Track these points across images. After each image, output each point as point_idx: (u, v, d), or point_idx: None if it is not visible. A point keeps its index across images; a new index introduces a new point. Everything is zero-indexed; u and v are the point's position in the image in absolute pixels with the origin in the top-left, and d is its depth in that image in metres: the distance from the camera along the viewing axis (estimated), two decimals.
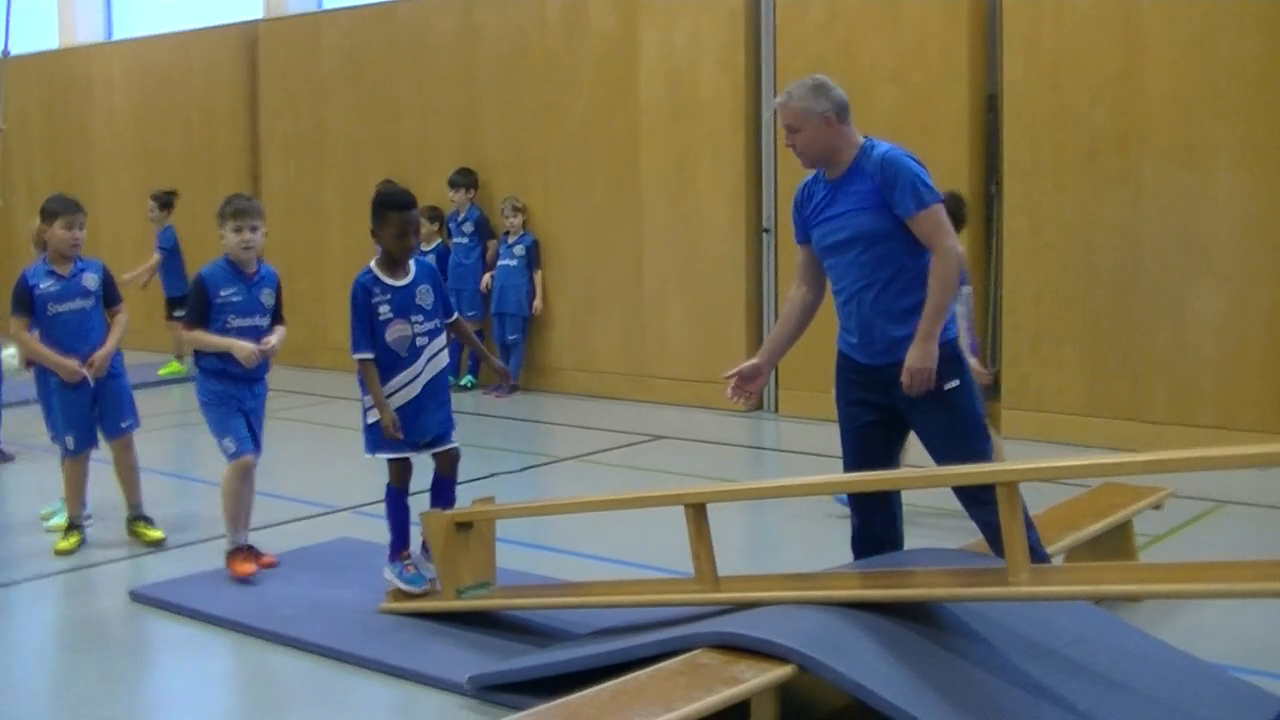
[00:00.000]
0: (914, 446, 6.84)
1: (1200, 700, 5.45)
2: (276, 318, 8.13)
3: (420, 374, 7.24)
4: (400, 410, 7.16)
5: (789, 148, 6.53)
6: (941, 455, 6.33)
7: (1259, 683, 5.75)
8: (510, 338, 14.48)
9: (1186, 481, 8.73)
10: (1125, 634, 5.91)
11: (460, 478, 7.49)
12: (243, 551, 7.84)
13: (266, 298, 8.00)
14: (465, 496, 7.46)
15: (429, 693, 6.17)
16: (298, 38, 17.12)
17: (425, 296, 7.31)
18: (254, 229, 7.95)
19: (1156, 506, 7.69)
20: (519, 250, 14.50)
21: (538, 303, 14.44)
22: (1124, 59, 11.18)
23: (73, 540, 8.52)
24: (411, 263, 7.31)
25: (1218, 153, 10.87)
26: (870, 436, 6.49)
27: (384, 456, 7.29)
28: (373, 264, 7.28)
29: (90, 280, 8.61)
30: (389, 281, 7.22)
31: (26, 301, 8.46)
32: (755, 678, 4.95)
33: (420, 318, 7.26)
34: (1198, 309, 10.99)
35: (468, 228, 14.85)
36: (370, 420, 7.23)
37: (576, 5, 14.42)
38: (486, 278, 14.63)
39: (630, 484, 10.10)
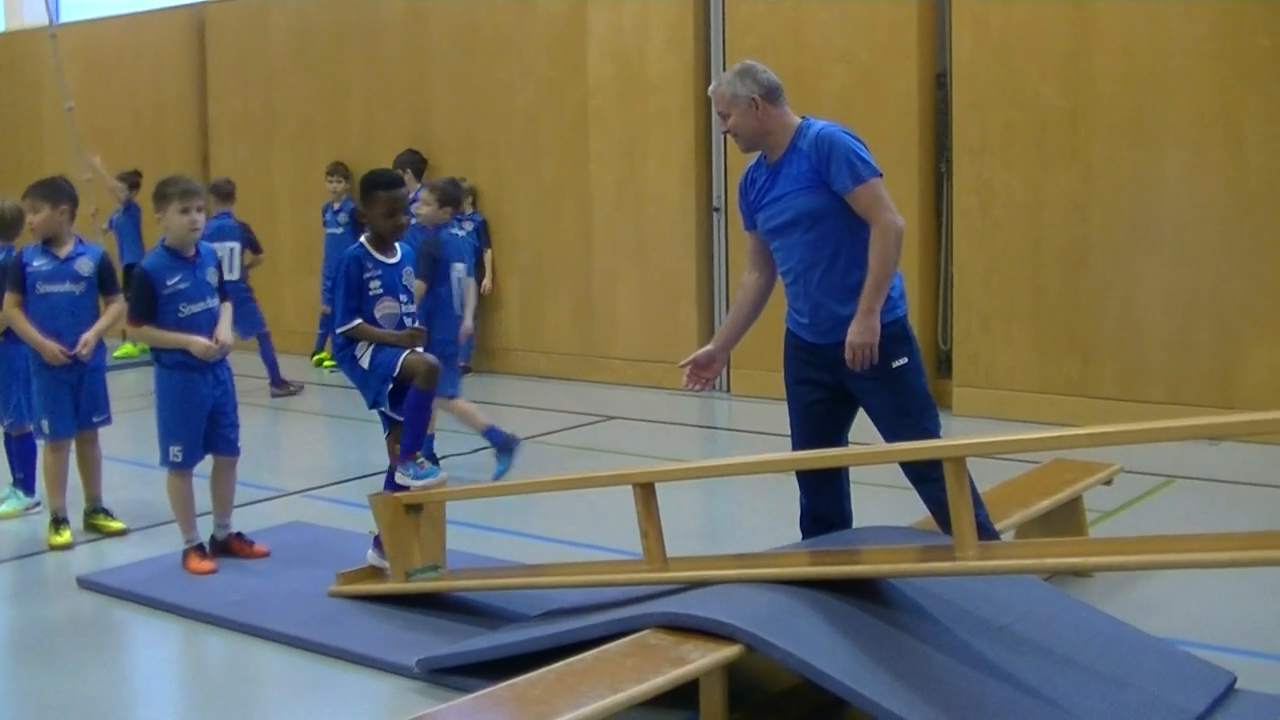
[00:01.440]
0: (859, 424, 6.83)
1: (1147, 674, 5.46)
2: (222, 294, 7.98)
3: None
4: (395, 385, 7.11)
5: (725, 132, 6.57)
6: (890, 433, 6.32)
7: (1207, 656, 5.76)
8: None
9: (1137, 457, 8.75)
10: (1073, 609, 5.92)
11: None
12: (198, 550, 7.74)
13: (211, 277, 7.84)
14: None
15: (378, 676, 6.14)
16: (246, 20, 17.04)
17: (409, 279, 7.38)
18: (199, 209, 7.80)
19: (1107, 482, 7.70)
20: (467, 226, 14.44)
21: (486, 282, 14.38)
22: (1074, 37, 11.18)
23: (65, 535, 8.38)
24: (397, 245, 7.32)
25: (1167, 131, 10.88)
26: (818, 415, 6.48)
27: (386, 388, 7.14)
28: (364, 239, 7.26)
29: (85, 265, 8.47)
30: (380, 258, 7.22)
31: (18, 278, 8.35)
32: (702, 658, 4.94)
33: (405, 298, 7.29)
34: (1147, 286, 11.01)
35: (415, 209, 14.76)
36: (366, 365, 7.13)
37: None
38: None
39: (582, 465, 10.11)
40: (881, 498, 7.15)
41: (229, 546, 7.92)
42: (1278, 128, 10.45)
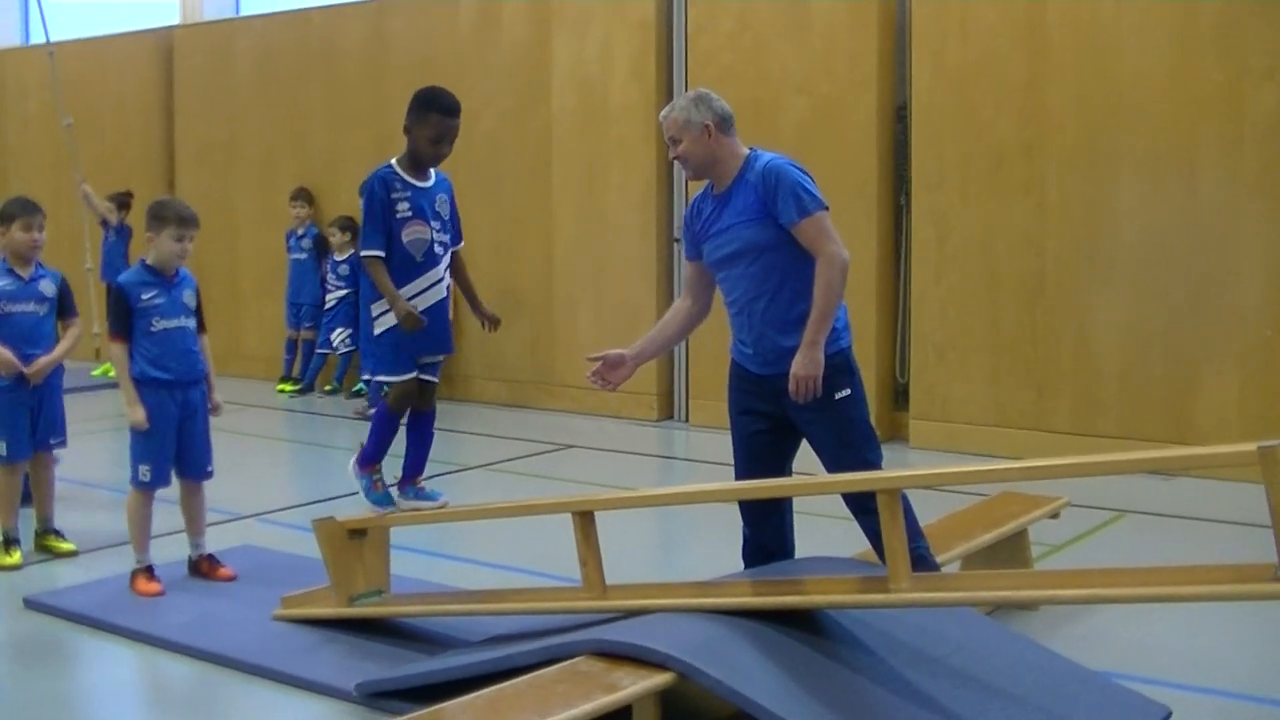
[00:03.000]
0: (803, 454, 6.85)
1: (1083, 707, 5.49)
2: (200, 324, 7.94)
3: (440, 281, 7.10)
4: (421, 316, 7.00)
5: (674, 160, 6.57)
6: (832, 464, 6.33)
7: (1145, 690, 5.79)
8: None
9: (1088, 491, 8.81)
10: (1011, 642, 5.95)
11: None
12: (147, 571, 7.72)
13: (189, 299, 7.81)
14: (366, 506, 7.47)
15: (318, 700, 6.13)
16: (213, 44, 17.06)
17: (444, 206, 7.16)
18: (192, 239, 7.79)
19: (1054, 515, 7.73)
20: None
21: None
22: (1029, 69, 11.26)
23: (15, 555, 8.34)
24: (432, 171, 7.14)
25: (1121, 163, 10.96)
26: (761, 446, 6.50)
27: (385, 379, 7.18)
28: (394, 161, 7.07)
29: (48, 287, 8.46)
30: (411, 180, 7.03)
31: None
32: (634, 685, 4.95)
33: (438, 225, 7.08)
34: (1101, 319, 11.07)
35: None
36: (379, 330, 6.99)
37: (489, 13, 14.43)
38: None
39: (536, 493, 10.10)
40: (826, 529, 7.18)
41: (199, 567, 7.92)
42: (1230, 160, 10.53)
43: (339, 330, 14.98)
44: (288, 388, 15.24)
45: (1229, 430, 10.50)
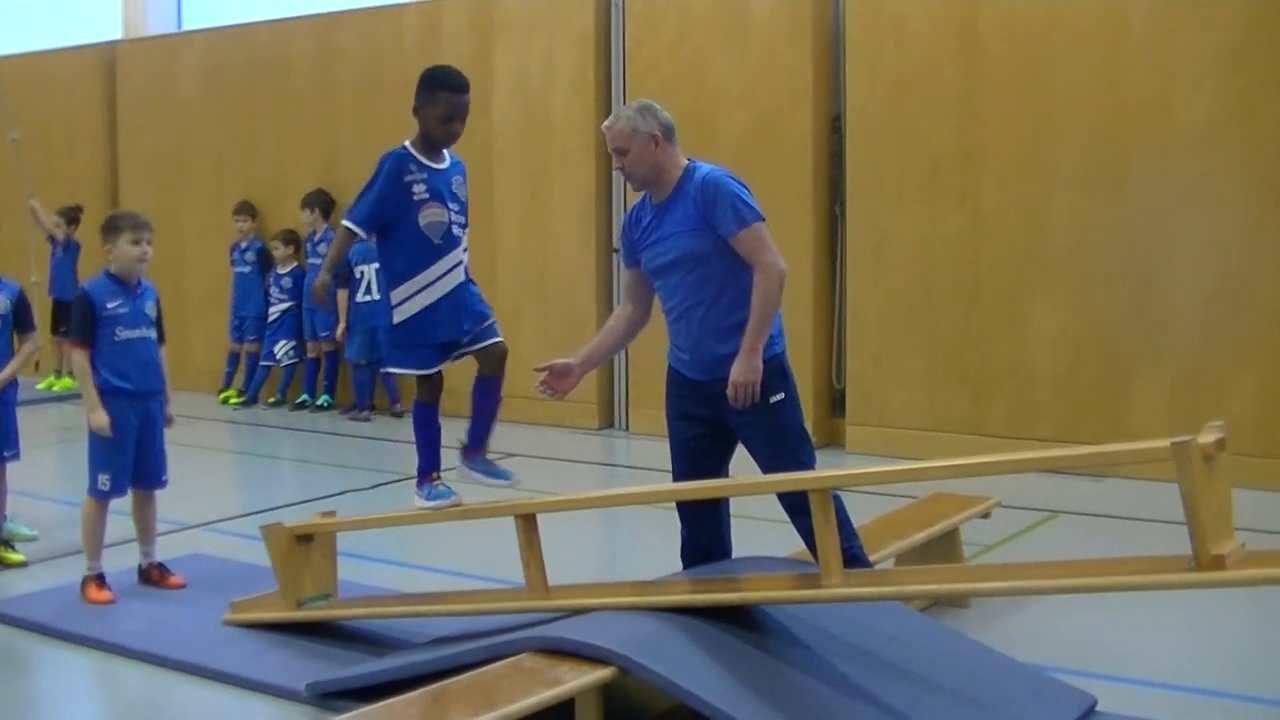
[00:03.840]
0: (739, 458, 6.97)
1: (1012, 697, 5.66)
2: (160, 335, 8.03)
3: (459, 264, 6.73)
4: (435, 306, 6.70)
5: (618, 169, 6.63)
6: (767, 467, 6.45)
7: (1072, 681, 5.96)
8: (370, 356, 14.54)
9: (1020, 492, 9.01)
10: (942, 636, 6.11)
11: (311, 495, 7.52)
12: (98, 579, 7.78)
13: (150, 309, 7.91)
14: (313, 512, 7.55)
15: (268, 701, 6.24)
16: (157, 58, 17.09)
17: (460, 188, 6.85)
18: (149, 242, 7.85)
19: (984, 515, 7.91)
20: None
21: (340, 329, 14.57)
22: (963, 80, 11.45)
23: None
24: (446, 153, 6.86)
25: (1054, 172, 11.16)
26: (698, 450, 6.62)
27: (405, 372, 6.91)
28: (408, 143, 6.78)
29: (1, 303, 8.50)
30: (426, 161, 6.72)
31: None
32: (576, 679, 5.08)
33: (456, 208, 6.75)
34: (1035, 325, 11.27)
35: (323, 249, 14.90)
36: (397, 320, 6.67)
37: (431, 27, 14.54)
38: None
39: (478, 500, 10.19)
40: (762, 531, 7.30)
41: (149, 575, 8.00)
42: (1160, 169, 10.75)
43: (282, 343, 15.10)
44: (231, 398, 15.31)
45: (1161, 432, 10.42)
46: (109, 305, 7.75)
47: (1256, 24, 10.45)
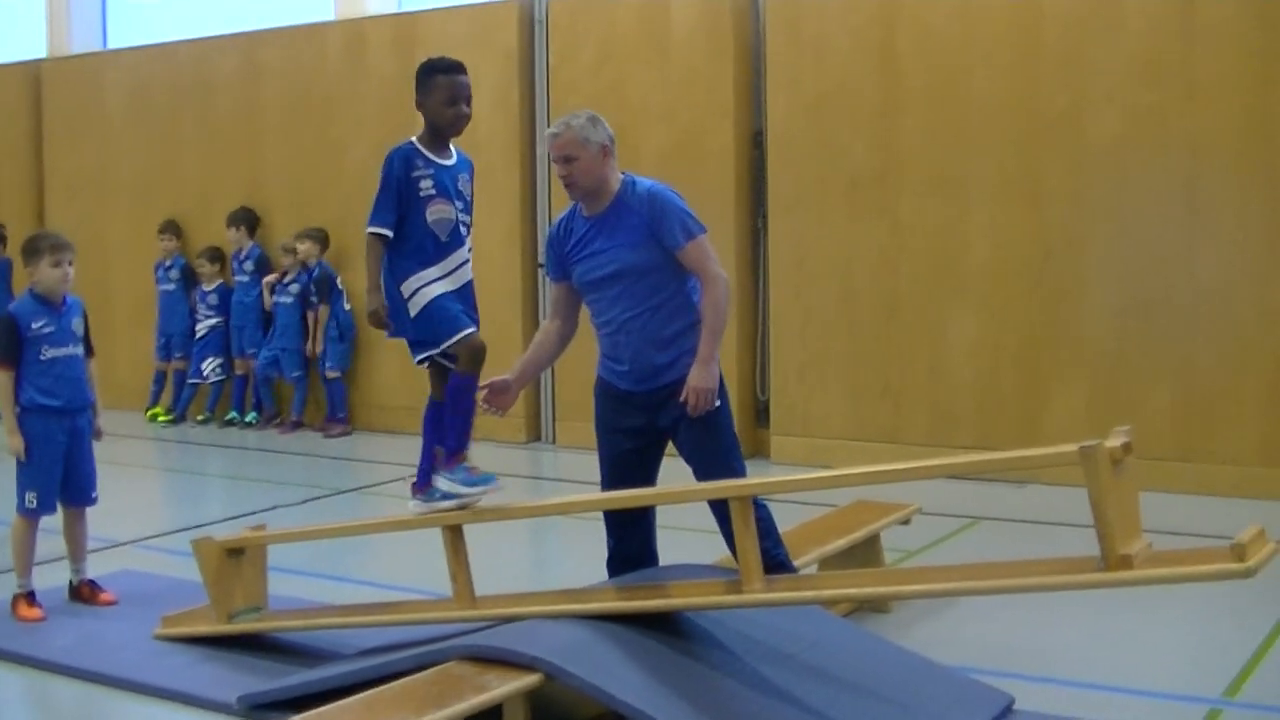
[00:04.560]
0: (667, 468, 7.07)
1: (931, 697, 5.79)
2: (88, 349, 8.06)
3: (465, 262, 6.54)
4: (444, 298, 6.44)
5: (563, 178, 6.61)
6: (702, 473, 6.53)
7: (990, 681, 6.10)
8: (292, 375, 14.59)
9: (941, 498, 9.17)
10: (863, 640, 6.25)
11: (240, 510, 7.54)
12: (28, 597, 7.79)
13: (77, 326, 7.93)
14: (242, 527, 7.59)
15: (200, 714, 6.27)
16: (82, 76, 17.05)
17: (466, 186, 6.62)
18: (71, 263, 7.87)
19: (905, 522, 8.07)
20: (294, 289, 14.63)
21: (309, 345, 14.62)
22: (882, 97, 11.63)
23: None
24: (453, 149, 6.64)
25: (971, 185, 11.36)
26: (628, 464, 6.69)
27: (449, 343, 6.46)
28: (414, 138, 6.55)
29: None
30: (433, 157, 6.49)
31: None
32: (503, 686, 5.18)
33: (462, 205, 6.54)
34: (954, 335, 11.45)
35: (249, 266, 14.98)
36: (416, 309, 6.42)
37: (355, 45, 14.62)
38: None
39: (400, 510, 10.25)
40: (689, 541, 7.41)
41: (80, 592, 8.03)
42: (1074, 182, 10.96)
43: (210, 360, 15.13)
44: (158, 415, 15.32)
45: (1077, 439, 10.80)
46: (34, 325, 7.79)
47: (1166, 39, 10.66)
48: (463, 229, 6.53)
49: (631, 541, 6.71)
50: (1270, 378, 10.45)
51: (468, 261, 6.56)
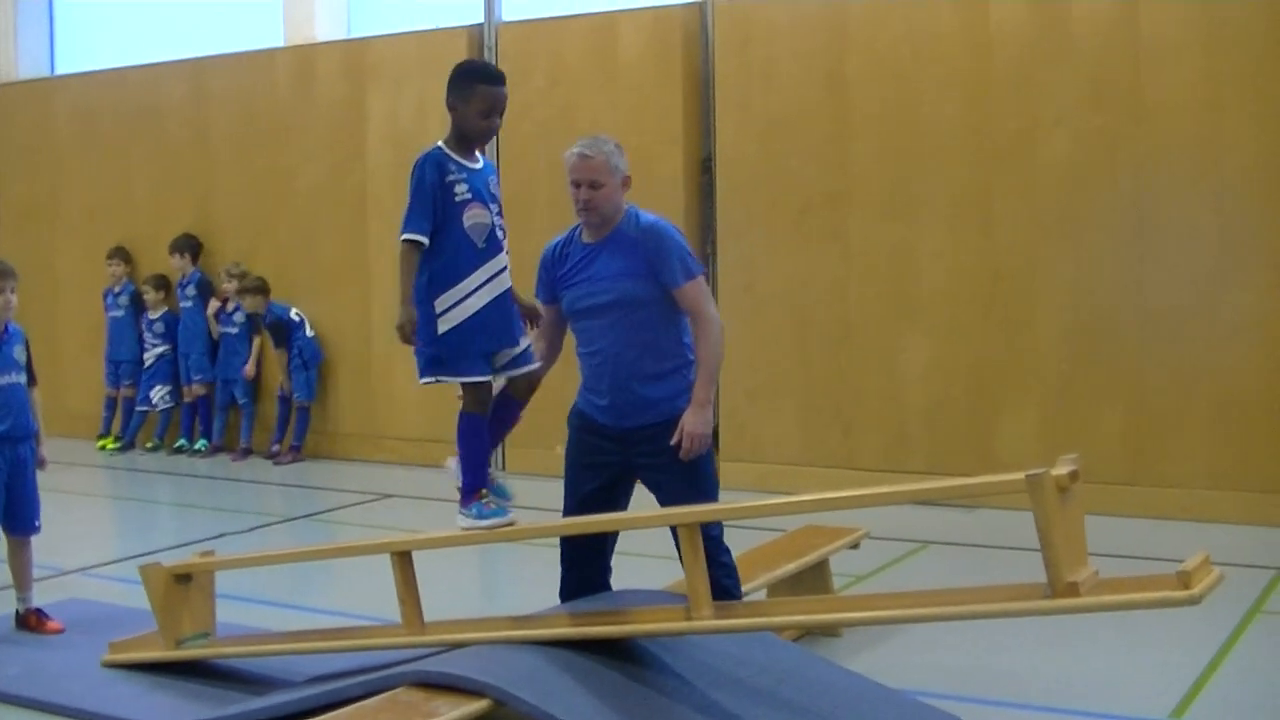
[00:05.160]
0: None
1: None
2: (30, 377, 8.03)
3: (504, 269, 6.33)
4: (483, 313, 6.25)
5: (583, 201, 6.43)
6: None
7: (942, 705, 6.10)
8: (240, 401, 14.54)
9: (891, 523, 9.16)
10: (813, 664, 6.22)
11: (189, 538, 7.48)
12: None
13: (19, 354, 7.90)
14: (191, 553, 7.55)
15: None
16: (30, 103, 16.93)
17: (496, 189, 6.47)
18: (13, 290, 7.85)
19: (854, 546, 8.05)
20: (239, 317, 14.58)
21: (249, 367, 14.52)
22: (832, 122, 11.65)
23: None
24: (478, 153, 6.45)
25: (922, 209, 11.39)
26: (596, 503, 6.52)
27: (463, 380, 6.32)
28: (441, 143, 6.36)
29: None
30: (463, 161, 6.31)
31: None
32: (451, 712, 5.14)
33: (495, 209, 6.36)
34: (906, 359, 11.47)
35: (190, 291, 14.93)
36: (444, 329, 6.25)
37: (305, 70, 14.59)
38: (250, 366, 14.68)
39: (352, 537, 10.23)
40: (647, 567, 7.38)
41: (27, 621, 7.97)
42: (1025, 205, 11.01)
43: (158, 387, 15.07)
44: (108, 444, 15.25)
45: (1029, 462, 10.74)
46: None
47: (1114, 62, 10.73)
48: (499, 233, 6.37)
49: (588, 574, 6.60)
50: (1219, 401, 10.50)
51: (506, 268, 6.37)
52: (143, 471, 14.24)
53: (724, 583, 6.23)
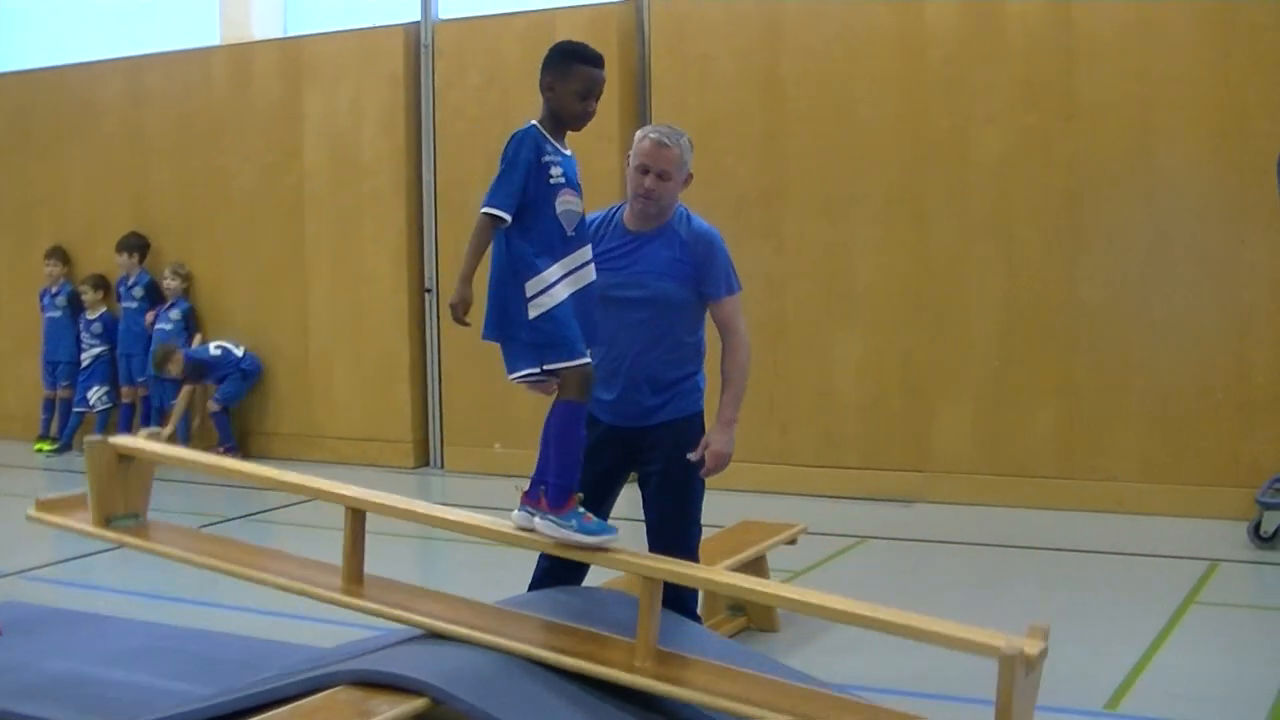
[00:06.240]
0: None
1: None
2: None
3: (590, 261, 5.80)
4: (567, 304, 5.66)
5: (646, 190, 6.37)
6: (660, 529, 6.45)
7: (876, 699, 6.13)
8: (171, 402, 14.46)
9: (829, 518, 9.23)
10: (749, 659, 6.23)
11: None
12: None
13: None
14: (142, 564, 7.51)
15: None
16: None
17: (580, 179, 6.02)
18: None
19: (791, 542, 8.09)
20: (175, 315, 14.53)
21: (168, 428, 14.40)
22: (767, 120, 11.70)
23: None
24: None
25: (856, 207, 11.47)
26: (589, 497, 6.00)
27: (559, 366, 5.65)
28: (535, 123, 5.95)
29: None
30: (557, 145, 5.93)
31: None
32: (389, 711, 5.10)
33: (581, 201, 5.91)
34: (840, 356, 11.54)
35: (137, 292, 14.83)
36: (536, 313, 5.61)
37: (241, 69, 14.54)
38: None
39: (292, 540, 10.11)
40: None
41: None
42: (957, 203, 11.10)
43: (96, 388, 14.99)
44: (45, 447, 15.16)
45: (964, 458, 11.03)
46: None
47: (1046, 61, 10.84)
48: (587, 226, 5.96)
49: (559, 570, 6.37)
50: (1151, 395, 10.61)
51: (591, 261, 5.81)
52: (80, 473, 13.78)
53: (683, 593, 6.23)
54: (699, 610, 6.67)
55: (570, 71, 5.88)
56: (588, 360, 5.66)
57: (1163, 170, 10.58)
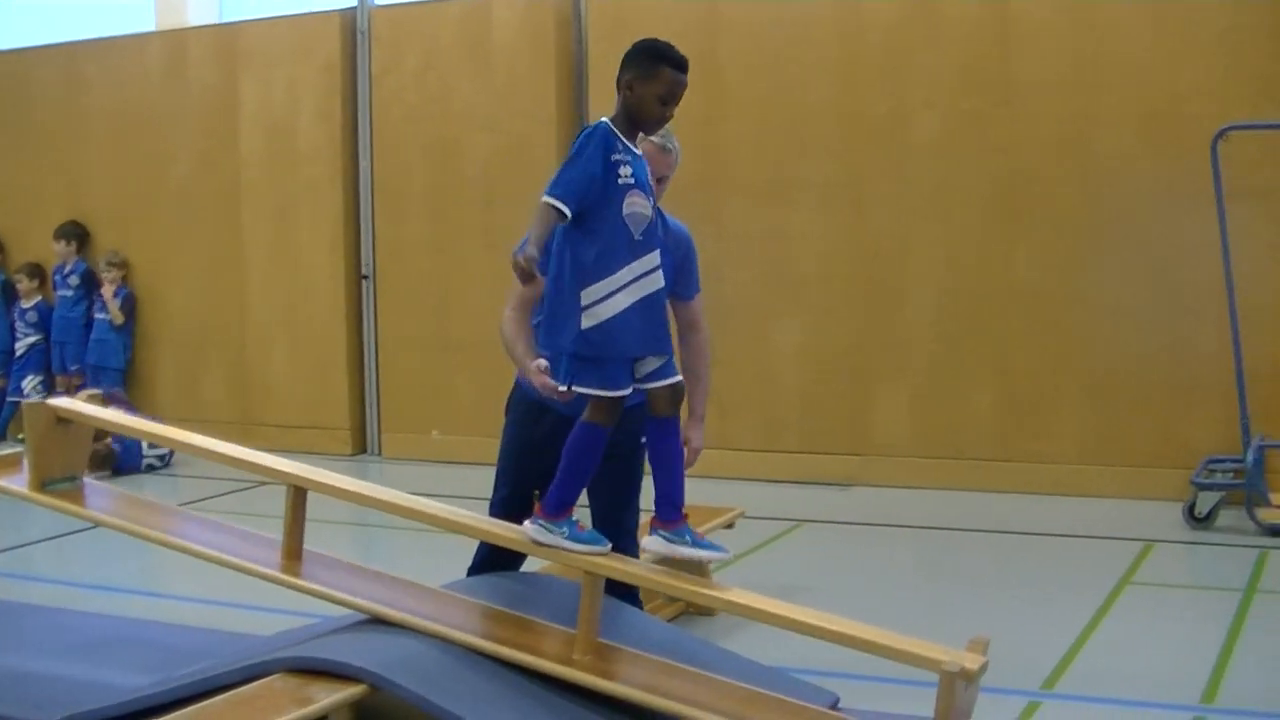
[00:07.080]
0: None
1: None
2: None
3: (657, 268, 5.50)
4: (630, 312, 5.40)
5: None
6: (607, 507, 6.47)
7: (819, 681, 6.16)
8: (111, 390, 14.39)
9: (766, 502, 9.24)
10: (688, 643, 6.25)
11: (63, 530, 7.35)
12: None
13: None
14: (81, 554, 7.47)
15: None
16: None
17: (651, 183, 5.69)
18: None
19: (729, 525, 8.11)
20: (116, 303, 14.46)
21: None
22: (705, 105, 11.65)
23: None
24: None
25: (794, 192, 11.50)
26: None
27: (593, 392, 5.45)
28: (608, 119, 5.55)
29: None
30: (630, 145, 5.55)
31: None
32: (327, 698, 5.08)
33: (652, 203, 5.59)
34: (781, 341, 11.56)
35: (73, 280, 14.73)
36: (589, 324, 5.36)
37: (176, 56, 14.44)
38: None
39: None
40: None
41: None
42: (895, 188, 11.15)
43: (30, 377, 14.89)
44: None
45: (902, 442, 11.08)
46: None
47: (983, 45, 10.90)
48: (657, 229, 5.68)
49: (502, 555, 6.32)
50: (1088, 377, 10.69)
51: (659, 268, 5.53)
52: None
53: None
54: (639, 594, 6.65)
55: (655, 73, 5.62)
56: (625, 393, 5.47)
57: (1099, 153, 10.64)
